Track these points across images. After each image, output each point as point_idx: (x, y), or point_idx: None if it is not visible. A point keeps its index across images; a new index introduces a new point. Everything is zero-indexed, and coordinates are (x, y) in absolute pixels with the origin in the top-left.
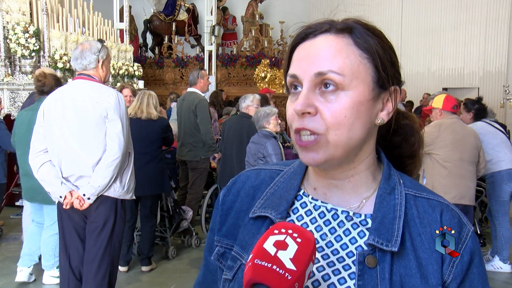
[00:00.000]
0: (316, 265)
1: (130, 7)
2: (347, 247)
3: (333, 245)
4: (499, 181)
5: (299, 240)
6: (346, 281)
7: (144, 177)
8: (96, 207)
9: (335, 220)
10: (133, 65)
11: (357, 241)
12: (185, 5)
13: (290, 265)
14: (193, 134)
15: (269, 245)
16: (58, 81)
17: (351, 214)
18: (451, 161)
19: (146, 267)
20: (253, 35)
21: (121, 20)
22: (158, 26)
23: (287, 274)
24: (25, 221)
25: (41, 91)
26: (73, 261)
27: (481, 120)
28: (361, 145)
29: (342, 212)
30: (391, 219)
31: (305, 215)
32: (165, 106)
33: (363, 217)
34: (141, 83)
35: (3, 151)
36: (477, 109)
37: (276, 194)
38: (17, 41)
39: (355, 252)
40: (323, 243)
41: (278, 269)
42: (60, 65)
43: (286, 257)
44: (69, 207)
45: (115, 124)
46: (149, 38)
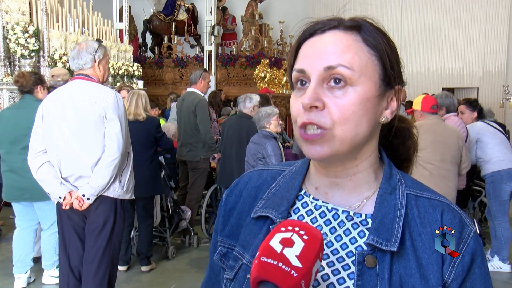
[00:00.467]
0: (320, 262)
1: (129, 7)
2: (347, 247)
3: (333, 244)
4: (498, 181)
5: (305, 237)
6: (345, 281)
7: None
8: (95, 207)
9: (335, 220)
10: (133, 65)
11: (357, 241)
12: (185, 5)
13: (296, 262)
14: (193, 134)
15: (275, 243)
16: (39, 79)
17: (351, 214)
18: (432, 162)
19: (145, 267)
20: (253, 35)
21: (121, 20)
22: (157, 26)
23: (293, 271)
24: None
25: (21, 91)
26: (72, 261)
27: (480, 120)
28: (365, 142)
29: (342, 212)
30: (391, 219)
31: (306, 215)
32: (165, 106)
33: (363, 217)
34: (140, 83)
35: None
36: (479, 109)
37: (277, 194)
38: (17, 41)
39: (354, 252)
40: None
41: (284, 266)
42: (59, 65)
43: (292, 254)
44: (69, 208)
45: (114, 124)
46: (149, 38)
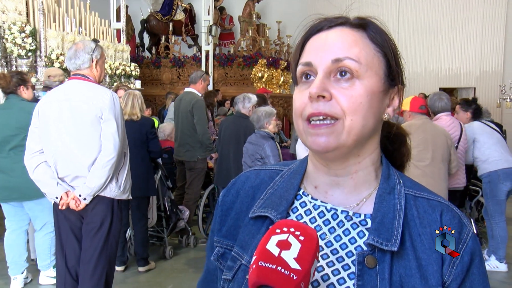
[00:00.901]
0: (317, 263)
1: (127, 7)
2: (347, 247)
3: (332, 244)
4: (495, 180)
5: (301, 238)
6: (345, 281)
7: None
8: (92, 207)
9: (334, 220)
10: (130, 65)
11: (356, 241)
12: (182, 5)
13: (294, 265)
14: (191, 134)
15: (272, 246)
16: (20, 79)
17: (350, 214)
18: (424, 160)
19: (142, 267)
20: (250, 35)
21: (118, 20)
22: (155, 26)
23: (292, 274)
24: None
25: (5, 92)
26: (69, 261)
27: (477, 120)
28: (368, 138)
29: (341, 211)
30: (391, 218)
31: (304, 215)
32: (163, 106)
33: (362, 217)
34: (138, 83)
35: None
36: (474, 108)
37: (276, 193)
38: (14, 41)
39: (354, 252)
40: (322, 243)
41: (283, 270)
42: (56, 65)
43: (290, 257)
44: (65, 208)
45: (110, 124)
46: (146, 38)
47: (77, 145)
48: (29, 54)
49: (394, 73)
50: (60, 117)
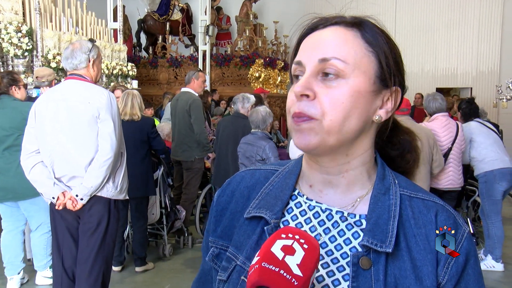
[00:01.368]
0: (316, 272)
1: (123, 7)
2: (342, 248)
3: (327, 245)
4: (491, 180)
5: (305, 246)
6: (340, 283)
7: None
8: (89, 207)
9: (329, 220)
10: (127, 65)
11: (351, 242)
12: (179, 5)
13: (297, 271)
14: (188, 134)
15: (276, 249)
16: (11, 79)
17: (345, 214)
18: None
19: (139, 267)
20: (247, 35)
21: (115, 19)
22: (152, 25)
23: (293, 280)
24: None
25: None
26: (66, 261)
27: (474, 120)
28: (355, 138)
29: (336, 212)
30: (386, 219)
31: (299, 215)
32: (159, 105)
33: (357, 218)
34: (135, 83)
35: None
36: (464, 109)
37: (271, 194)
38: (10, 41)
39: (349, 253)
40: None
41: (285, 274)
42: (53, 64)
43: (293, 262)
44: (62, 208)
45: (107, 124)
46: (143, 38)
47: (74, 145)
48: (26, 54)
49: (385, 74)
50: (56, 117)
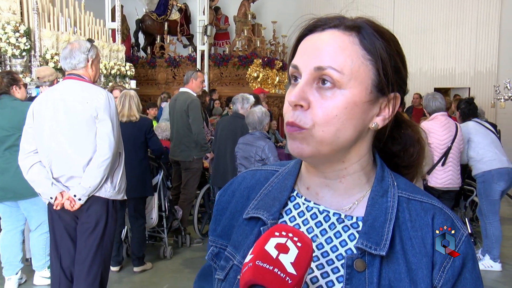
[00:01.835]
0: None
1: (122, 7)
2: (337, 249)
3: (323, 247)
4: (489, 180)
5: (299, 244)
6: (334, 284)
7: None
8: (87, 207)
9: (326, 222)
10: (125, 65)
11: (347, 244)
12: (178, 4)
13: (291, 269)
14: (186, 134)
15: (270, 247)
16: (12, 79)
17: (342, 216)
18: None
19: (137, 267)
20: (246, 35)
21: (113, 19)
22: (150, 25)
23: (287, 278)
24: None
25: None
26: (64, 261)
27: (472, 120)
28: (350, 146)
29: (334, 214)
30: (382, 222)
31: (297, 217)
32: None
33: (354, 220)
34: (133, 83)
35: None
36: (463, 108)
37: (269, 195)
38: (8, 41)
39: (344, 255)
40: (313, 245)
41: (279, 273)
42: (51, 64)
43: (287, 260)
44: (60, 208)
45: (105, 124)
46: (141, 37)
47: (72, 145)
48: (24, 53)
49: (382, 83)
50: (54, 117)
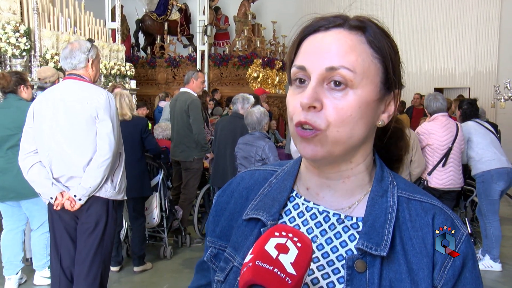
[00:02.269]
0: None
1: (122, 7)
2: (337, 250)
3: (323, 247)
4: (488, 180)
5: (299, 244)
6: (335, 286)
7: None
8: (87, 207)
9: (326, 222)
10: (125, 65)
11: (347, 245)
12: (177, 4)
13: (290, 270)
14: (186, 134)
15: (270, 247)
16: (20, 78)
17: (342, 216)
18: None
19: (137, 267)
20: (246, 35)
21: (113, 19)
22: (150, 25)
23: (287, 278)
24: None
25: (4, 92)
26: (64, 261)
27: (472, 120)
28: (360, 145)
29: (333, 214)
30: (382, 222)
31: (297, 217)
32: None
33: (354, 220)
34: (133, 83)
35: None
36: (465, 109)
37: (269, 195)
38: (8, 41)
39: (345, 255)
40: (313, 246)
41: (279, 273)
42: (51, 64)
43: (287, 261)
44: (60, 208)
45: (106, 124)
46: (141, 37)
47: (72, 146)
48: (24, 53)
49: (391, 80)
50: (54, 117)
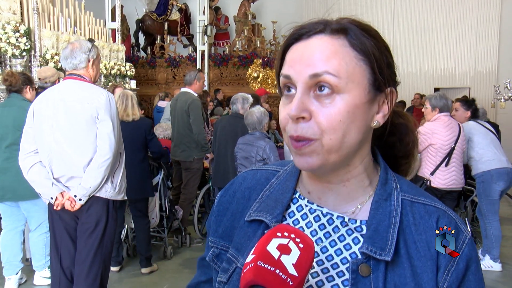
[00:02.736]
0: (311, 270)
1: (122, 7)
2: (342, 253)
3: (327, 250)
4: (488, 180)
5: (301, 245)
6: None
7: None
8: (87, 208)
9: (330, 225)
10: (125, 65)
11: (351, 248)
12: (178, 4)
13: (292, 271)
14: (187, 134)
15: (272, 248)
16: (28, 79)
17: (346, 219)
18: None
19: (145, 268)
20: (246, 35)
21: (113, 19)
22: (150, 25)
23: (289, 279)
24: None
25: (9, 90)
26: (64, 261)
27: (473, 120)
28: (357, 149)
29: (337, 217)
30: (386, 226)
31: (301, 219)
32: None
33: (358, 223)
34: (133, 83)
35: None
36: (474, 109)
37: (271, 196)
38: (8, 41)
39: (349, 259)
40: (317, 248)
41: (281, 274)
42: (51, 64)
43: (289, 262)
44: (60, 208)
45: (106, 124)
46: (141, 37)
47: (72, 146)
48: (24, 54)
49: (379, 80)
50: (54, 117)
